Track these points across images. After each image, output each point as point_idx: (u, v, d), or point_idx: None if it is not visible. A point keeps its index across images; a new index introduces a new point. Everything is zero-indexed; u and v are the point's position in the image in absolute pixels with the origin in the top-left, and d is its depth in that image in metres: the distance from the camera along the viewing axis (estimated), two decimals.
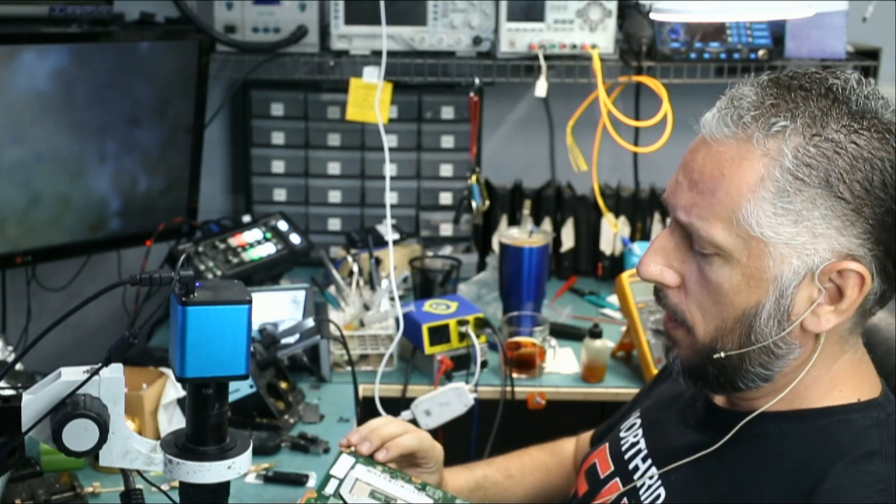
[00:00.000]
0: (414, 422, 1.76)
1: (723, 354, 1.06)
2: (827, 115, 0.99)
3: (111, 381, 0.99)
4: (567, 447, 1.55)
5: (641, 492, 1.16)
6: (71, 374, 0.98)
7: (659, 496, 1.13)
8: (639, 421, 1.29)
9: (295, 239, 2.33)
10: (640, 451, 1.23)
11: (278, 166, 2.55)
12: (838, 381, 1.07)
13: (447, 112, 2.52)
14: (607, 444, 1.31)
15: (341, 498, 1.26)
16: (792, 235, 1.00)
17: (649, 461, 1.19)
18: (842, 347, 1.07)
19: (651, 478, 1.16)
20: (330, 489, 1.28)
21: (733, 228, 1.01)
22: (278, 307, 2.06)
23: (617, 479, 1.23)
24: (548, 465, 1.53)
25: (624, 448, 1.26)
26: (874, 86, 1.03)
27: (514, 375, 1.96)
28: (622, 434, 1.29)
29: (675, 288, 1.09)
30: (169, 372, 1.71)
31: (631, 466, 1.22)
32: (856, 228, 0.99)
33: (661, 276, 1.09)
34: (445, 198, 2.57)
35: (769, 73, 1.06)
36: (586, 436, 1.53)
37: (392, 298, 2.02)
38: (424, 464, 1.38)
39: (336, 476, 1.29)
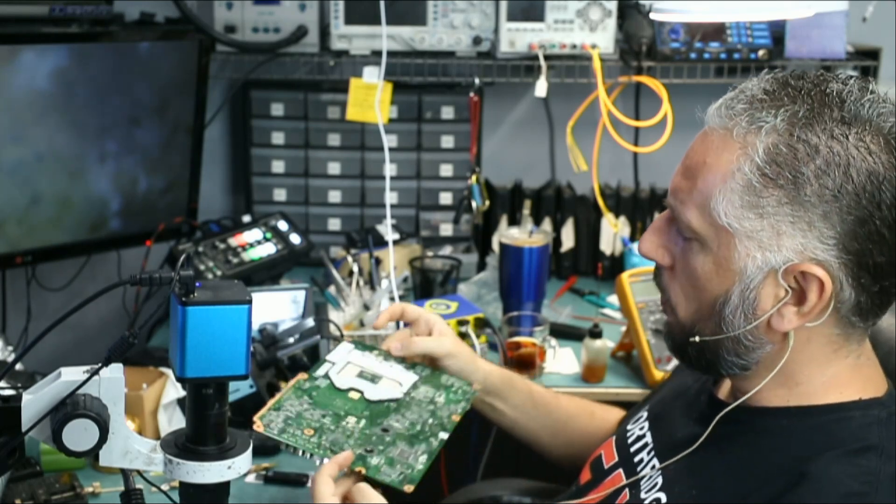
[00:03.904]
0: None
1: (697, 339, 1.09)
2: (812, 118, 0.99)
3: (111, 381, 1.00)
4: (614, 413, 1.54)
5: (643, 482, 1.18)
6: (71, 374, 0.99)
7: (656, 485, 1.15)
8: (645, 413, 1.30)
9: (295, 239, 2.33)
10: (646, 444, 1.24)
11: (278, 166, 2.55)
12: (839, 382, 1.08)
13: (447, 112, 2.52)
14: (614, 437, 1.32)
15: (329, 379, 1.30)
16: (755, 230, 1.02)
17: (653, 453, 1.21)
18: (835, 352, 1.07)
19: (653, 468, 1.18)
20: (321, 371, 1.32)
21: (706, 216, 1.04)
22: (278, 307, 2.06)
23: (620, 471, 1.24)
24: (593, 413, 1.53)
25: (630, 440, 1.27)
26: (881, 95, 1.02)
27: None
28: (629, 427, 1.31)
29: (668, 268, 1.12)
30: (169, 372, 1.71)
31: (636, 459, 1.23)
32: (822, 233, 0.99)
33: (655, 254, 1.13)
34: (445, 198, 2.57)
35: (787, 71, 1.07)
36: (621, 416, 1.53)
37: (392, 298, 2.02)
38: (443, 371, 1.43)
39: (330, 360, 1.34)
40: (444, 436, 1.32)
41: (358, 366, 1.33)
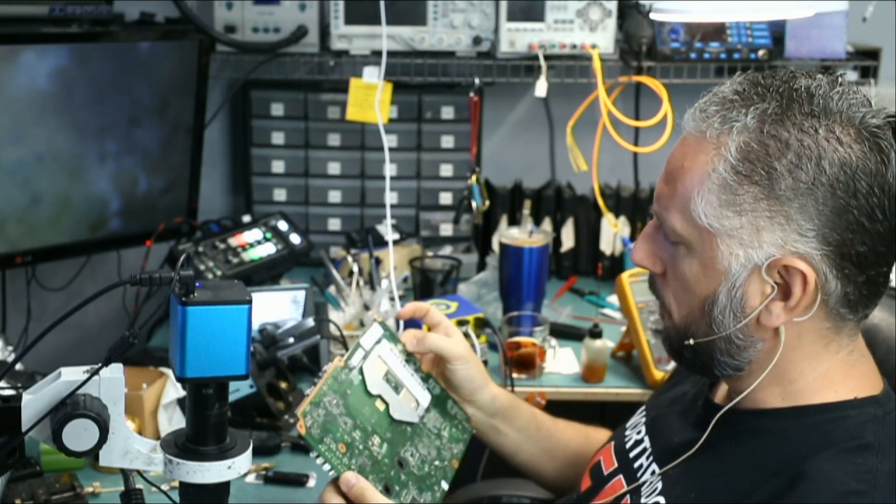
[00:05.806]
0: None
1: (692, 341, 1.10)
2: (782, 114, 1.01)
3: (111, 381, 1.00)
4: (606, 435, 1.53)
5: (643, 488, 1.18)
6: (71, 374, 0.99)
7: (656, 489, 1.15)
8: (643, 419, 1.30)
9: (295, 239, 2.33)
10: (644, 449, 1.24)
11: (278, 166, 2.55)
12: (832, 379, 1.08)
13: (447, 112, 2.52)
14: (613, 442, 1.32)
15: (362, 373, 1.30)
16: (735, 227, 1.03)
17: (651, 458, 1.21)
18: (826, 346, 1.07)
19: (653, 473, 1.18)
20: (356, 360, 1.31)
21: (688, 218, 1.06)
22: (278, 307, 2.06)
23: (620, 476, 1.24)
24: (588, 436, 1.52)
25: (628, 446, 1.27)
26: (853, 88, 1.03)
27: (514, 375, 1.96)
28: (627, 432, 1.31)
29: (660, 275, 1.14)
30: (169, 372, 1.71)
31: (636, 465, 1.23)
32: (800, 226, 1.00)
33: (647, 262, 1.15)
34: (445, 198, 2.57)
35: (758, 72, 1.08)
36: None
37: (392, 298, 2.02)
38: (451, 376, 1.39)
39: (364, 347, 1.33)
40: (445, 486, 1.36)
41: (385, 363, 1.33)
